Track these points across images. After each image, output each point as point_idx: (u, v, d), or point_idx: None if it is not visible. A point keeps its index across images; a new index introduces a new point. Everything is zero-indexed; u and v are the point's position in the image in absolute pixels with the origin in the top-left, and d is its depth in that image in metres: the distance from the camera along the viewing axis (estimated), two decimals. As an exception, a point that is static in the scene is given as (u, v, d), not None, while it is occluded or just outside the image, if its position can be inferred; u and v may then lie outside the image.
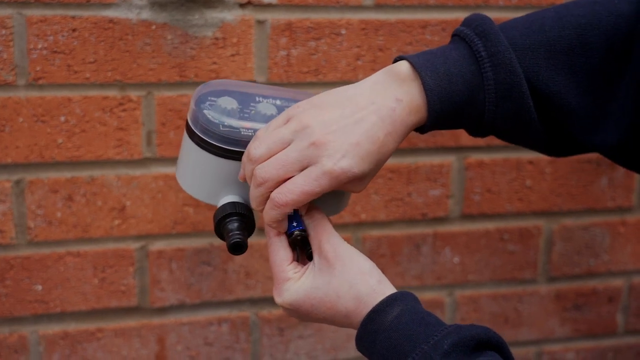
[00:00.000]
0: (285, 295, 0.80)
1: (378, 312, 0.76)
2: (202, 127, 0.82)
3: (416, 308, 0.76)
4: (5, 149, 1.04)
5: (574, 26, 0.80)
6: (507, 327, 1.29)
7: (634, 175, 1.27)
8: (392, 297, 0.76)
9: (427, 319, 0.75)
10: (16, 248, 1.07)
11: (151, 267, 1.12)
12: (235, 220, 0.83)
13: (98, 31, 1.03)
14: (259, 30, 1.08)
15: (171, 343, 1.15)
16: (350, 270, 0.78)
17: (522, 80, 0.78)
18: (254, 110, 0.86)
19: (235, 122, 0.83)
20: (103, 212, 1.09)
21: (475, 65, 0.79)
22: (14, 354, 1.10)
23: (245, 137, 0.81)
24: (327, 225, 0.80)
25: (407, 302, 0.76)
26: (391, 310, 0.75)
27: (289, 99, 0.90)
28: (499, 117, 0.80)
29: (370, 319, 0.76)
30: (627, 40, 0.79)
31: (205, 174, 0.85)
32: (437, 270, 1.24)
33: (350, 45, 1.12)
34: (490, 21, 0.81)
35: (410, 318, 0.74)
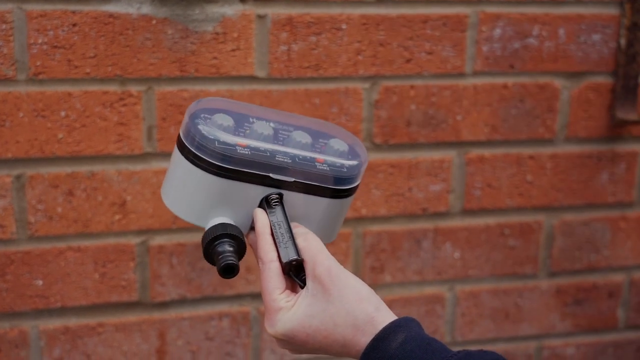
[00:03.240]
0: (279, 326, 0.77)
1: (382, 340, 0.74)
2: (196, 143, 0.79)
3: (420, 334, 0.74)
4: (6, 144, 1.04)
5: None
6: (508, 322, 1.29)
7: (634, 171, 1.27)
8: (396, 323, 0.75)
9: (433, 345, 0.73)
10: (17, 243, 1.07)
11: (152, 262, 1.12)
12: (226, 242, 0.79)
13: (98, 26, 1.03)
14: (260, 25, 1.08)
15: (172, 338, 1.16)
16: (347, 296, 0.76)
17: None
18: (249, 129, 0.82)
19: (231, 138, 0.79)
20: (103, 207, 1.09)
21: None
22: (15, 349, 1.10)
23: (240, 155, 0.79)
24: (322, 248, 0.78)
25: (410, 328, 0.75)
26: (395, 338, 0.74)
27: (283, 123, 0.86)
28: None
29: (374, 347, 0.74)
30: None
31: (196, 193, 0.81)
32: (438, 265, 1.24)
33: (351, 40, 1.12)
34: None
35: (416, 345, 0.73)
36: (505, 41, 1.17)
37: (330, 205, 0.85)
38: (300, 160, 0.82)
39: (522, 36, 1.18)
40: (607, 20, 1.20)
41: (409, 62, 1.14)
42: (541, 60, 1.19)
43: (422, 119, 1.16)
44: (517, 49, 1.18)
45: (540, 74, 1.20)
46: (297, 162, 0.82)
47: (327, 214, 0.85)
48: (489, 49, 1.17)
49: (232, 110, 0.84)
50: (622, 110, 1.22)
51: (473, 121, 1.19)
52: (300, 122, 0.87)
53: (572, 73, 1.21)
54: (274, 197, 0.82)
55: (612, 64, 1.22)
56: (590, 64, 1.21)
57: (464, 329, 1.27)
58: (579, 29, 1.19)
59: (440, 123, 1.18)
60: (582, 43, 1.20)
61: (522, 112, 1.21)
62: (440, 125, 1.18)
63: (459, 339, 1.27)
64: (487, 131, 1.20)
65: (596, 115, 1.24)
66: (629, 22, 1.20)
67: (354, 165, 0.85)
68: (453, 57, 1.16)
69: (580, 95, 1.22)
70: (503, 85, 1.19)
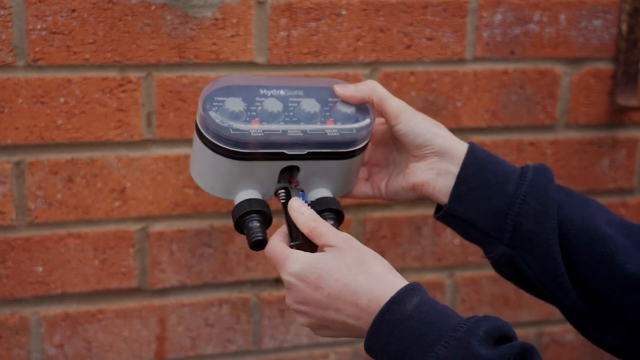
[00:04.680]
0: (293, 265, 0.81)
1: (397, 302, 0.75)
2: (212, 132, 0.84)
3: (432, 300, 0.76)
4: (5, 130, 1.04)
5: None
6: (508, 309, 1.29)
7: (635, 157, 1.27)
8: (410, 286, 0.77)
9: (446, 310, 0.76)
10: (16, 229, 1.07)
11: (152, 249, 1.12)
12: (255, 218, 0.86)
13: (97, 12, 1.03)
14: (259, 10, 1.08)
15: (172, 324, 1.16)
16: (363, 254, 0.80)
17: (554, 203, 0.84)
18: (260, 106, 0.87)
19: (244, 125, 0.85)
20: (103, 193, 1.09)
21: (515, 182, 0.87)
22: (15, 335, 1.10)
23: (254, 139, 0.84)
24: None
25: (423, 293, 0.77)
26: (410, 300, 0.75)
27: (293, 87, 0.91)
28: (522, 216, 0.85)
29: (388, 309, 0.75)
30: None
31: (220, 174, 0.88)
32: (438, 251, 1.24)
33: (350, 26, 1.11)
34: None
35: (431, 307, 0.75)
36: (506, 27, 1.17)
37: (343, 165, 0.91)
38: (311, 132, 0.88)
39: (522, 22, 1.17)
40: (608, 5, 1.20)
41: (409, 48, 1.14)
42: (542, 46, 1.19)
43: (422, 105, 1.16)
44: (517, 34, 1.17)
45: (540, 60, 1.20)
46: (309, 134, 0.88)
47: (340, 172, 0.92)
48: (490, 34, 1.16)
49: (241, 87, 0.89)
50: (623, 96, 1.22)
51: (473, 107, 1.18)
52: (309, 85, 0.92)
53: (572, 59, 1.21)
54: (282, 195, 0.91)
55: (613, 50, 1.22)
56: (591, 50, 1.21)
57: (463, 315, 1.27)
58: (579, 14, 1.19)
59: (440, 109, 1.17)
60: (582, 29, 1.20)
61: (522, 98, 1.20)
62: (440, 111, 1.17)
63: (459, 326, 1.27)
64: (488, 117, 1.20)
65: (597, 102, 1.23)
66: (630, 7, 1.19)
67: (362, 126, 0.91)
68: (453, 43, 1.15)
69: (580, 82, 1.22)
70: (503, 71, 1.19)
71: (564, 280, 0.84)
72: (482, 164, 0.88)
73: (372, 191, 0.98)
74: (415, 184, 0.92)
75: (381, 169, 0.99)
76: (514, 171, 0.88)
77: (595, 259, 0.83)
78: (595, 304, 0.84)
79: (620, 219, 0.87)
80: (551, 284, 0.85)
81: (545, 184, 0.85)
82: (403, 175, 0.94)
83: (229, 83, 0.89)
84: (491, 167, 0.88)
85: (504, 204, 0.86)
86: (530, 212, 0.84)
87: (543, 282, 0.85)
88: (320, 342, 1.23)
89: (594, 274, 0.83)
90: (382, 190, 0.97)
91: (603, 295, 0.83)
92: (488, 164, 0.88)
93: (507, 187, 0.86)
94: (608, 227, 0.83)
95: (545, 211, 0.84)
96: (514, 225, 0.85)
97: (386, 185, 0.97)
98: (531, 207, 0.84)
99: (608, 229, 0.83)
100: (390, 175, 0.97)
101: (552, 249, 0.83)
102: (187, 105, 1.08)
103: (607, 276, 0.82)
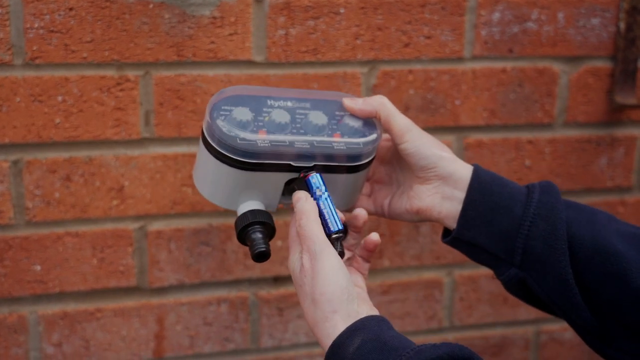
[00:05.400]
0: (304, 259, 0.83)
1: (339, 346, 0.76)
2: (218, 140, 0.84)
3: (379, 335, 0.76)
4: (3, 129, 1.03)
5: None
6: (506, 307, 1.29)
7: (633, 155, 1.27)
8: (352, 328, 0.77)
9: (391, 344, 0.75)
10: (15, 228, 1.07)
11: (150, 248, 1.12)
12: (257, 229, 0.86)
13: (95, 10, 1.02)
14: (257, 9, 1.08)
15: (170, 323, 1.16)
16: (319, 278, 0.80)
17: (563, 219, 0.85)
18: (268, 117, 0.87)
19: (251, 135, 0.85)
20: (101, 192, 1.09)
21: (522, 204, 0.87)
22: (14, 334, 1.10)
23: (261, 149, 0.84)
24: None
25: (368, 330, 0.76)
26: (352, 342, 0.76)
27: (300, 99, 0.91)
28: (532, 238, 0.85)
29: (333, 353, 0.77)
30: None
31: (224, 184, 0.87)
32: (436, 250, 1.24)
33: (349, 24, 1.11)
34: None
35: (372, 347, 0.75)
36: (504, 25, 1.17)
37: (349, 179, 0.91)
38: (318, 144, 0.88)
39: (521, 20, 1.17)
40: (606, 4, 1.20)
41: (408, 46, 1.14)
42: (540, 45, 1.19)
43: (420, 104, 1.16)
44: (516, 33, 1.17)
45: (539, 58, 1.20)
46: (315, 146, 0.87)
47: (345, 186, 0.91)
48: (488, 33, 1.16)
49: (248, 97, 0.89)
50: (621, 94, 1.22)
51: (472, 106, 1.18)
52: (316, 97, 0.92)
53: (571, 57, 1.21)
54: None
55: (612, 48, 1.22)
56: (590, 48, 1.21)
57: (462, 314, 1.27)
58: (578, 12, 1.19)
59: (438, 108, 1.17)
60: (581, 27, 1.20)
61: (520, 97, 1.20)
62: (438, 110, 1.17)
63: (457, 324, 1.27)
64: (486, 116, 1.20)
65: (595, 100, 1.23)
66: (628, 5, 1.19)
67: (369, 141, 0.90)
68: (452, 41, 1.15)
69: (579, 80, 1.22)
70: (502, 69, 1.18)
71: (577, 300, 0.83)
72: (488, 187, 0.87)
73: (375, 208, 0.98)
74: (420, 208, 0.92)
75: (384, 186, 0.98)
76: (520, 192, 0.88)
77: (607, 276, 0.82)
78: (608, 322, 0.84)
79: (629, 228, 0.86)
80: (564, 304, 0.85)
81: (552, 204, 0.85)
82: (407, 197, 0.94)
83: (236, 92, 0.89)
84: (497, 189, 0.87)
85: (513, 226, 0.86)
86: (540, 233, 0.84)
87: (555, 302, 0.85)
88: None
89: (606, 291, 0.83)
90: (385, 209, 0.97)
91: (616, 313, 0.83)
92: (494, 187, 0.87)
93: (515, 210, 0.86)
94: (619, 242, 0.83)
95: (554, 232, 0.83)
96: (524, 248, 0.85)
97: (389, 204, 0.96)
98: (540, 228, 0.84)
99: (619, 244, 0.83)
100: (394, 194, 0.97)
101: (564, 270, 0.83)
102: (185, 104, 1.08)
103: (620, 294, 0.82)
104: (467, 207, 0.88)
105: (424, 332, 1.26)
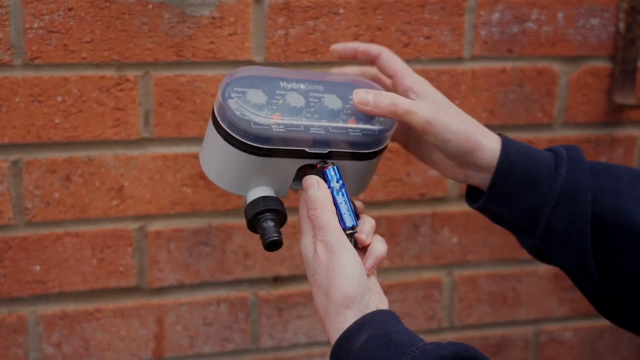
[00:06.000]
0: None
1: (346, 340, 0.76)
2: (230, 123, 0.80)
3: (386, 330, 0.76)
4: (2, 129, 1.03)
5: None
6: (506, 307, 1.29)
7: (633, 155, 1.27)
8: (360, 322, 0.77)
9: (397, 340, 0.74)
10: (14, 228, 1.07)
11: (149, 248, 1.12)
12: (269, 217, 0.83)
13: (94, 10, 1.02)
14: (257, 9, 1.08)
15: (170, 323, 1.16)
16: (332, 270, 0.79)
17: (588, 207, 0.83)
18: (282, 99, 0.84)
19: (265, 119, 0.81)
20: (101, 192, 1.09)
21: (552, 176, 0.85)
22: (13, 334, 1.10)
23: (276, 134, 0.80)
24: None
25: (375, 325, 0.76)
26: (358, 337, 0.76)
27: (313, 81, 0.88)
28: (556, 219, 0.84)
29: (339, 347, 0.77)
30: None
31: (234, 168, 0.83)
32: (436, 250, 1.24)
33: (348, 24, 1.11)
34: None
35: (379, 342, 0.75)
36: (504, 25, 1.17)
37: (362, 165, 0.88)
38: (333, 130, 0.85)
39: (520, 20, 1.17)
40: (606, 4, 1.20)
41: (407, 46, 1.14)
42: (540, 45, 1.19)
43: (420, 104, 1.16)
44: (515, 33, 1.17)
45: (538, 58, 1.20)
46: (331, 132, 0.84)
47: (359, 173, 0.89)
48: (487, 33, 1.16)
49: (261, 78, 0.85)
50: (621, 94, 1.22)
51: (471, 106, 1.18)
52: (329, 79, 0.89)
53: (570, 57, 1.21)
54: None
55: (611, 48, 1.22)
56: (589, 48, 1.21)
57: (461, 314, 1.27)
58: (577, 13, 1.19)
59: (438, 108, 1.17)
60: (580, 27, 1.20)
61: (520, 97, 1.20)
62: (438, 110, 1.17)
63: (457, 324, 1.27)
64: (486, 116, 1.20)
65: (595, 100, 1.23)
66: (628, 5, 1.19)
67: (384, 128, 0.87)
68: (451, 41, 1.15)
69: (578, 80, 1.22)
70: (501, 69, 1.18)
71: (594, 276, 0.83)
72: (516, 165, 0.85)
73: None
74: (440, 172, 0.92)
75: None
76: (547, 165, 0.85)
77: (627, 252, 0.82)
78: (624, 293, 0.84)
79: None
80: (580, 277, 0.85)
81: (578, 184, 0.83)
82: (426, 159, 0.93)
83: (249, 73, 0.85)
84: (525, 166, 0.85)
85: (538, 203, 0.84)
86: (564, 214, 0.83)
87: (574, 272, 0.86)
88: (319, 341, 1.23)
89: (624, 265, 0.83)
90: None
91: (631, 285, 0.83)
92: (522, 163, 0.85)
93: (541, 186, 0.84)
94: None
95: (579, 215, 0.82)
96: (547, 225, 0.84)
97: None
98: (565, 209, 0.83)
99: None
100: (408, 147, 0.95)
101: (584, 250, 0.82)
102: (184, 104, 1.08)
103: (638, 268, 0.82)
104: (493, 185, 0.85)
105: (424, 332, 1.26)
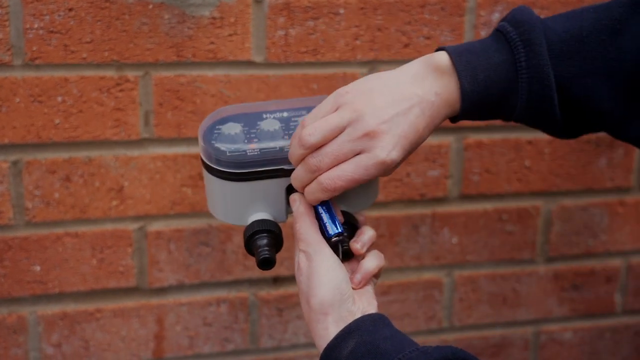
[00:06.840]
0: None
1: (333, 349, 0.76)
2: (210, 157, 0.84)
3: (373, 337, 0.76)
4: (2, 130, 1.03)
5: (609, 32, 0.80)
6: (506, 307, 1.29)
7: (633, 156, 1.27)
8: (347, 330, 0.77)
9: (383, 347, 0.74)
10: (14, 229, 1.07)
11: (149, 248, 1.12)
12: (264, 236, 0.85)
13: (95, 11, 1.02)
14: (257, 9, 1.08)
15: (170, 323, 1.16)
16: (312, 279, 0.79)
17: (553, 94, 0.80)
18: (259, 128, 0.87)
19: (240, 146, 0.85)
20: (101, 192, 1.09)
21: (513, 73, 0.81)
22: (13, 335, 1.10)
23: (251, 158, 0.84)
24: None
25: (363, 332, 0.76)
26: (346, 346, 0.76)
27: (297, 108, 0.90)
28: (527, 117, 0.83)
29: (327, 356, 0.77)
30: None
31: (229, 199, 0.87)
32: (436, 250, 1.24)
33: (348, 24, 1.11)
34: (537, 23, 0.81)
35: (365, 350, 0.75)
36: (504, 26, 1.17)
37: None
38: None
39: (520, 21, 1.17)
40: (606, 4, 1.20)
41: (407, 46, 1.14)
42: (540, 45, 1.19)
43: (420, 104, 1.16)
44: (515, 33, 1.17)
45: (538, 58, 1.19)
46: None
47: (358, 187, 0.87)
48: (488, 33, 1.16)
49: (242, 114, 0.89)
50: (621, 95, 1.22)
51: (471, 106, 1.18)
52: (313, 104, 0.90)
53: (570, 58, 1.21)
54: None
55: (611, 49, 1.22)
56: (589, 48, 1.21)
57: (461, 314, 1.27)
58: (577, 13, 1.19)
59: (438, 108, 1.17)
60: (580, 28, 1.19)
61: (520, 97, 1.20)
62: (438, 110, 1.17)
63: (457, 324, 1.27)
64: (485, 116, 1.20)
65: (595, 100, 1.23)
66: (628, 6, 1.19)
67: None
68: (451, 41, 1.15)
69: (578, 80, 1.22)
70: (501, 70, 1.18)
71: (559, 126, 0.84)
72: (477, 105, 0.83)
73: None
74: None
75: None
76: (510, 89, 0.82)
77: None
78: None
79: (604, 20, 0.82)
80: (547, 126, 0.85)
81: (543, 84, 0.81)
82: None
83: (228, 113, 0.89)
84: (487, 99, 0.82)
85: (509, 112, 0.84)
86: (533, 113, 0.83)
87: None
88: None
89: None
90: None
91: None
92: (484, 99, 0.82)
93: (510, 100, 0.82)
94: (608, 97, 0.81)
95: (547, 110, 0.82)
96: (520, 119, 0.84)
97: None
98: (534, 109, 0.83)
99: (608, 101, 0.81)
100: None
101: (554, 116, 0.83)
102: (184, 104, 1.08)
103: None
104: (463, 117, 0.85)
105: (424, 332, 1.26)
